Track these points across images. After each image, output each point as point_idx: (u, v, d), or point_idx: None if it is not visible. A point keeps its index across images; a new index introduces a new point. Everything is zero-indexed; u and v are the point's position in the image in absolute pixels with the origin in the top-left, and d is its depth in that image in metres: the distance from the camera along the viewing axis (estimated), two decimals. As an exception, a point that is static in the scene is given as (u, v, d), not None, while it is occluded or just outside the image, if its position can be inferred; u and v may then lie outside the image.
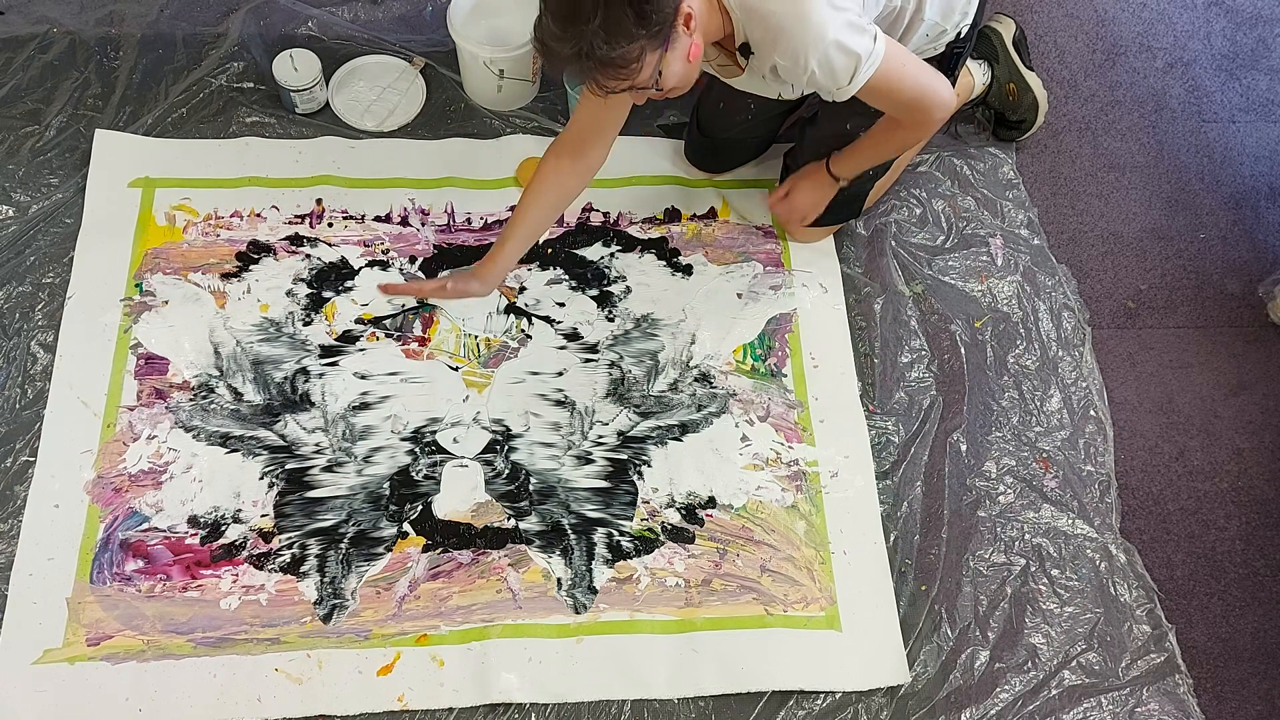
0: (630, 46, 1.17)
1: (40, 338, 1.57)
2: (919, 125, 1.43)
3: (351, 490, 1.50)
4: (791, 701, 1.42)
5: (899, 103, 1.38)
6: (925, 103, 1.38)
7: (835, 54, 1.27)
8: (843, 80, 1.31)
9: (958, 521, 1.56)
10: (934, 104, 1.38)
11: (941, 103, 1.39)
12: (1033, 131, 1.88)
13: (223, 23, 1.89)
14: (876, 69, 1.30)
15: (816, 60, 1.28)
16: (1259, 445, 1.70)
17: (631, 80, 1.21)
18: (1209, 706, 1.48)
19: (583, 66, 1.19)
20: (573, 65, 1.19)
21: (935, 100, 1.38)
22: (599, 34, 1.15)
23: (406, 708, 1.37)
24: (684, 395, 1.62)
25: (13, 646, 1.36)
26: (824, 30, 1.25)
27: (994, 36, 1.83)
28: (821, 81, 1.32)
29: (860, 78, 1.30)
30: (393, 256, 1.69)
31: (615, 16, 1.14)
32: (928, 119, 1.40)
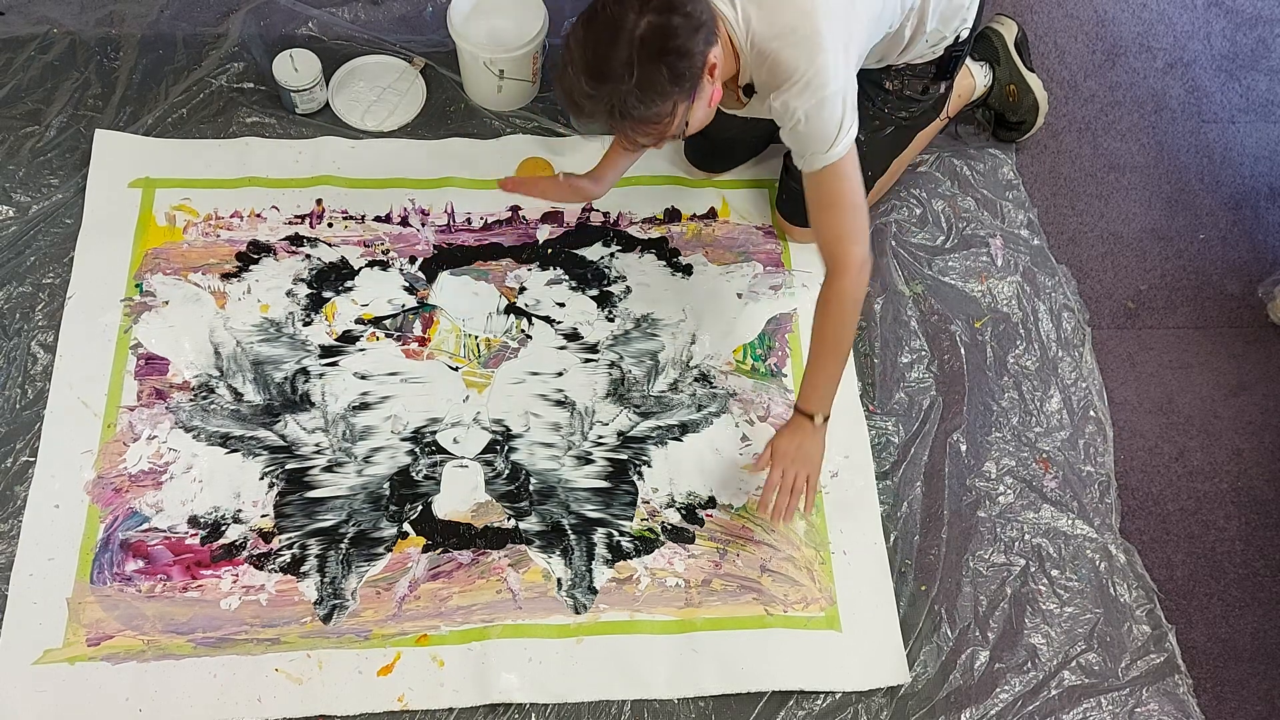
0: (664, 104, 1.18)
1: (40, 338, 1.57)
2: (840, 267, 1.35)
3: (351, 490, 1.50)
4: (791, 702, 1.42)
5: (845, 206, 1.33)
6: (859, 225, 1.34)
7: (830, 108, 1.26)
8: (827, 138, 1.28)
9: (958, 522, 1.56)
10: (862, 231, 1.34)
11: (865, 241, 1.35)
12: (1032, 133, 1.88)
13: (223, 23, 1.89)
14: (849, 151, 1.30)
15: (807, 110, 1.27)
16: (1259, 445, 1.70)
17: (663, 133, 1.22)
18: (1209, 706, 1.48)
19: (614, 123, 1.19)
20: (603, 121, 1.19)
21: (864, 229, 1.34)
22: (633, 93, 1.15)
23: (406, 708, 1.37)
24: (684, 395, 1.62)
25: (13, 646, 1.36)
26: (829, 80, 1.25)
27: (995, 38, 1.83)
28: (805, 133, 1.29)
29: (840, 146, 1.28)
30: (393, 256, 1.69)
31: (649, 75, 1.15)
32: (848, 255, 1.34)
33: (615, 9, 1.15)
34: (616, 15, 1.15)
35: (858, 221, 1.34)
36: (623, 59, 1.15)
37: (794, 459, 1.42)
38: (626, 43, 1.15)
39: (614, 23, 1.15)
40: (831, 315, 1.38)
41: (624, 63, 1.15)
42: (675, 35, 1.16)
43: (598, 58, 1.16)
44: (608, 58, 1.15)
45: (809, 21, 1.24)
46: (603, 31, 1.16)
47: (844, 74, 1.27)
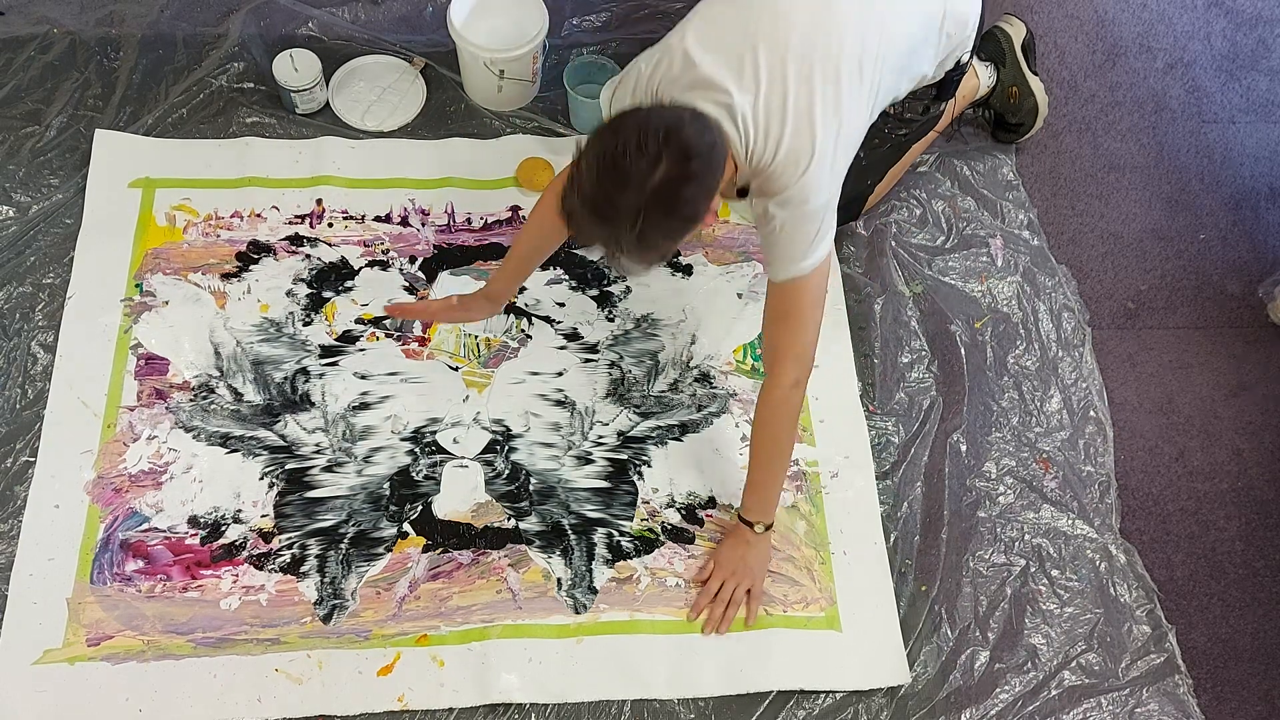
0: (661, 252, 1.19)
1: (40, 338, 1.57)
2: (774, 379, 1.35)
3: (351, 490, 1.50)
4: (791, 702, 1.42)
5: (796, 321, 1.32)
6: (804, 341, 1.33)
7: (810, 222, 1.25)
8: (801, 251, 1.26)
9: (958, 522, 1.56)
10: (805, 348, 1.34)
11: (809, 361, 1.34)
12: (1030, 135, 1.88)
13: (223, 23, 1.89)
14: (817, 266, 1.28)
15: (784, 220, 1.25)
16: (1259, 445, 1.70)
17: (653, 266, 1.22)
18: (1209, 706, 1.48)
19: (610, 255, 1.18)
20: (599, 249, 1.18)
21: (808, 346, 1.34)
22: (633, 241, 1.13)
23: (406, 708, 1.37)
24: (684, 395, 1.62)
25: (13, 646, 1.36)
26: (811, 196, 1.24)
27: (1003, 38, 1.81)
28: (780, 241, 1.27)
29: (810, 260, 1.27)
30: (393, 256, 1.69)
31: (653, 230, 1.13)
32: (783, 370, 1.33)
33: (633, 155, 1.09)
34: (633, 162, 1.09)
35: (804, 339, 1.33)
36: (630, 207, 1.10)
37: (735, 570, 1.43)
38: (637, 191, 1.10)
39: (628, 169, 1.10)
40: (765, 425, 1.37)
41: (631, 210, 1.11)
42: (687, 200, 1.13)
43: (605, 198, 1.12)
44: (615, 202, 1.11)
45: (807, 145, 1.22)
46: (615, 174, 1.10)
47: (828, 190, 1.25)
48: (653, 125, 1.11)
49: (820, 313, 1.34)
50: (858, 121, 1.30)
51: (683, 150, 1.11)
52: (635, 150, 1.09)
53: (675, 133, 1.11)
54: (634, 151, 1.09)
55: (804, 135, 1.22)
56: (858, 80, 1.27)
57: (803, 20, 1.24)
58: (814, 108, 1.23)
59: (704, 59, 1.23)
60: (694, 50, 1.24)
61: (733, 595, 1.43)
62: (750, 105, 1.22)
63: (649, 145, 1.10)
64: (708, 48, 1.24)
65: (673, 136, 1.11)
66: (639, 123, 1.12)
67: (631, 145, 1.10)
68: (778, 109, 1.22)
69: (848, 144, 1.29)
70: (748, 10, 1.25)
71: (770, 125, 1.22)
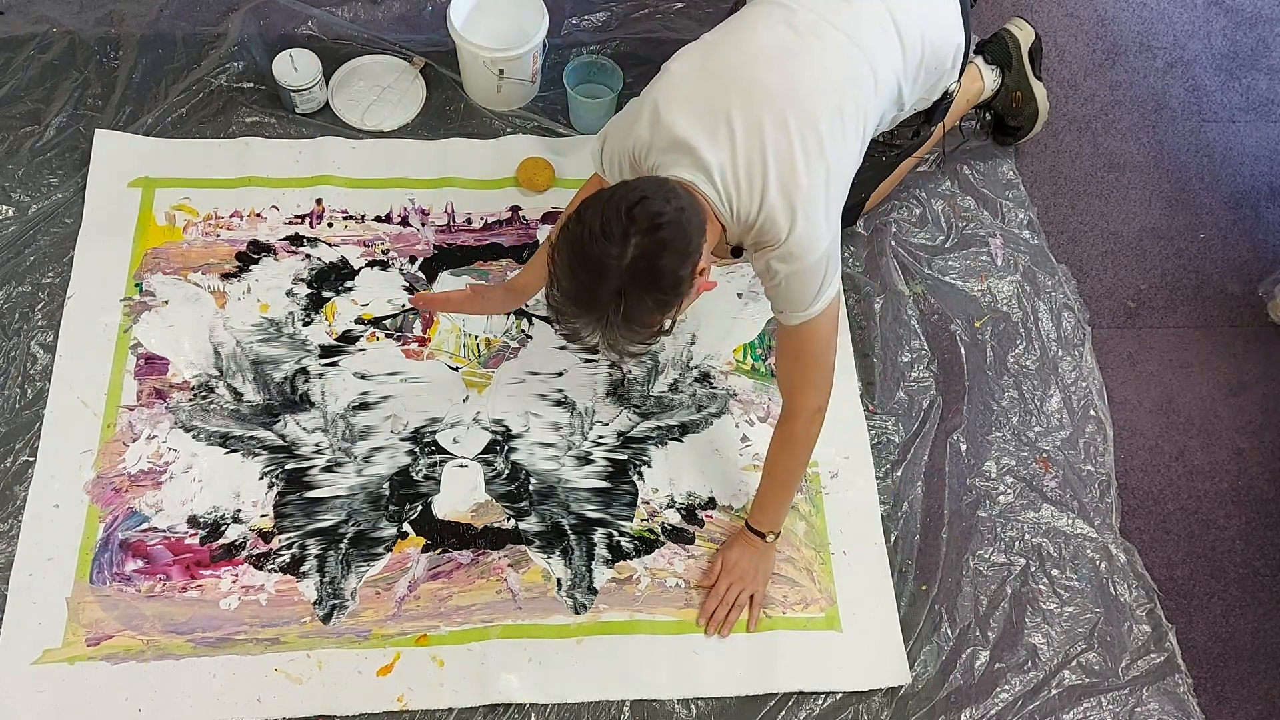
0: (653, 325, 1.15)
1: (40, 338, 1.57)
2: (793, 412, 1.35)
3: (351, 490, 1.50)
4: (791, 702, 1.42)
5: (810, 359, 1.32)
6: (821, 377, 1.33)
7: (813, 273, 1.23)
8: (807, 299, 1.25)
9: (958, 521, 1.56)
10: (823, 383, 1.34)
11: (828, 389, 1.35)
12: (1028, 138, 1.88)
13: (223, 23, 1.89)
14: (826, 308, 1.26)
15: (788, 274, 1.23)
16: (1259, 445, 1.70)
17: (653, 337, 1.18)
18: (1209, 706, 1.48)
19: (604, 344, 1.16)
20: (590, 338, 1.16)
21: (825, 381, 1.34)
22: (621, 322, 1.12)
23: (406, 708, 1.37)
24: (684, 395, 1.62)
25: (12, 646, 1.36)
26: (810, 249, 1.22)
27: (1011, 43, 1.79)
28: (785, 292, 1.26)
29: (818, 305, 1.25)
30: (393, 256, 1.69)
31: (637, 307, 1.11)
32: (803, 404, 1.34)
33: (601, 239, 1.08)
34: (602, 250, 1.08)
35: (820, 374, 1.33)
36: (611, 291, 1.09)
37: (742, 575, 1.44)
38: (615, 275, 1.09)
39: (599, 259, 1.09)
40: (783, 454, 1.39)
41: (611, 294, 1.09)
42: (665, 270, 1.11)
43: (584, 289, 1.11)
44: (594, 290, 1.10)
45: (790, 197, 1.20)
46: (587, 262, 1.09)
47: (827, 238, 1.23)
48: (615, 204, 1.10)
49: (835, 344, 1.33)
50: (848, 161, 1.28)
51: (649, 221, 1.09)
52: (602, 234, 1.08)
53: (639, 206, 1.10)
54: (600, 236, 1.08)
55: (790, 185, 1.20)
56: (839, 123, 1.24)
57: (774, 77, 1.22)
58: (795, 157, 1.20)
59: (679, 123, 1.21)
60: (667, 115, 1.21)
61: (737, 599, 1.44)
62: (729, 163, 1.19)
63: (614, 227, 1.08)
64: (682, 112, 1.21)
65: (636, 210, 1.09)
66: (601, 205, 1.11)
67: (597, 229, 1.09)
68: (758, 164, 1.19)
69: (839, 185, 1.27)
70: (718, 71, 1.24)
71: (751, 181, 1.20)
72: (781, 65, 1.23)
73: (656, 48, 1.92)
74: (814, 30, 1.26)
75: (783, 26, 1.26)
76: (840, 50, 1.26)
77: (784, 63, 1.23)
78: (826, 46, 1.26)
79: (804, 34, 1.25)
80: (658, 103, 1.23)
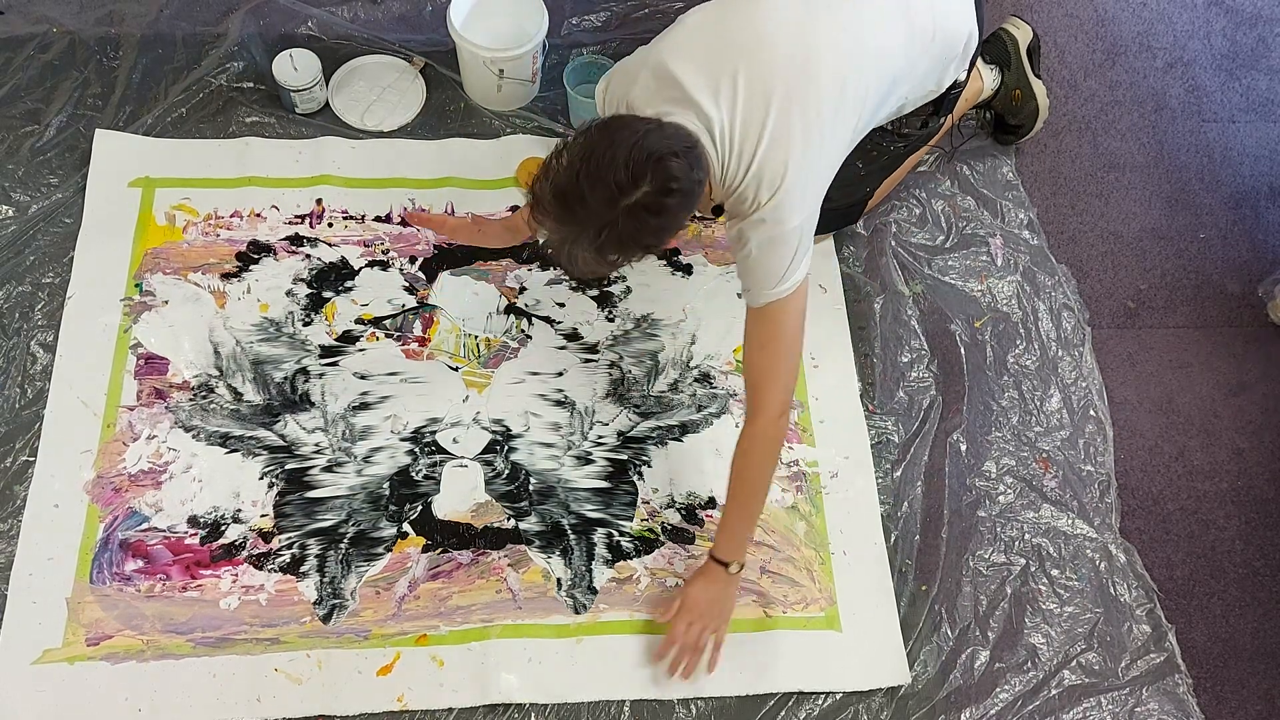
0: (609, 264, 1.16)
1: (40, 338, 1.57)
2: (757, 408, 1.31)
3: (351, 490, 1.50)
4: (792, 702, 1.42)
5: (778, 348, 1.29)
6: (787, 368, 1.30)
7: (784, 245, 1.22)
8: (775, 274, 1.24)
9: (958, 521, 1.56)
10: (788, 375, 1.30)
11: (793, 386, 1.32)
12: (1028, 137, 1.88)
13: (223, 22, 1.89)
14: (795, 289, 1.25)
15: (759, 242, 1.22)
16: (1259, 445, 1.70)
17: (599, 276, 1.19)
18: (1209, 706, 1.48)
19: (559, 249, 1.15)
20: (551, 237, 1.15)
21: (790, 374, 1.30)
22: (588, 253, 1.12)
23: (406, 708, 1.37)
24: (684, 395, 1.62)
25: (12, 646, 1.36)
26: (786, 218, 1.21)
27: (1009, 41, 1.79)
28: (754, 264, 1.25)
29: (787, 284, 1.24)
30: (393, 256, 1.69)
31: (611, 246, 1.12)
32: (768, 400, 1.30)
33: (616, 170, 1.08)
34: (614, 178, 1.08)
35: (786, 364, 1.30)
36: (598, 216, 1.09)
37: (704, 612, 1.37)
38: (609, 204, 1.09)
39: (608, 179, 1.08)
40: (748, 457, 1.33)
41: (597, 220, 1.09)
42: (653, 230, 1.12)
43: (577, 198, 1.10)
44: (587, 204, 1.09)
45: (780, 164, 1.20)
46: (595, 179, 1.09)
47: (803, 211, 1.23)
48: (646, 146, 1.10)
49: (802, 338, 1.31)
50: (837, 142, 1.28)
51: (665, 182, 1.09)
52: (622, 164, 1.08)
53: (664, 162, 1.09)
54: (620, 165, 1.08)
55: (778, 154, 1.20)
56: (838, 101, 1.24)
57: (783, 43, 1.22)
58: (790, 128, 1.20)
59: (685, 77, 1.21)
60: (675, 67, 1.21)
61: (697, 641, 1.38)
62: (728, 122, 1.20)
63: (634, 164, 1.08)
64: (688, 66, 1.21)
65: (661, 165, 1.09)
66: (634, 138, 1.10)
67: (620, 158, 1.08)
68: (755, 128, 1.20)
69: (826, 165, 1.26)
70: (729, 31, 1.24)
71: (745, 144, 1.20)
72: (791, 34, 1.23)
73: (656, 48, 1.92)
74: (826, 3, 1.26)
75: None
76: (850, 27, 1.26)
77: (794, 32, 1.23)
78: (836, 19, 1.25)
79: (815, 6, 1.25)
80: (664, 53, 1.23)
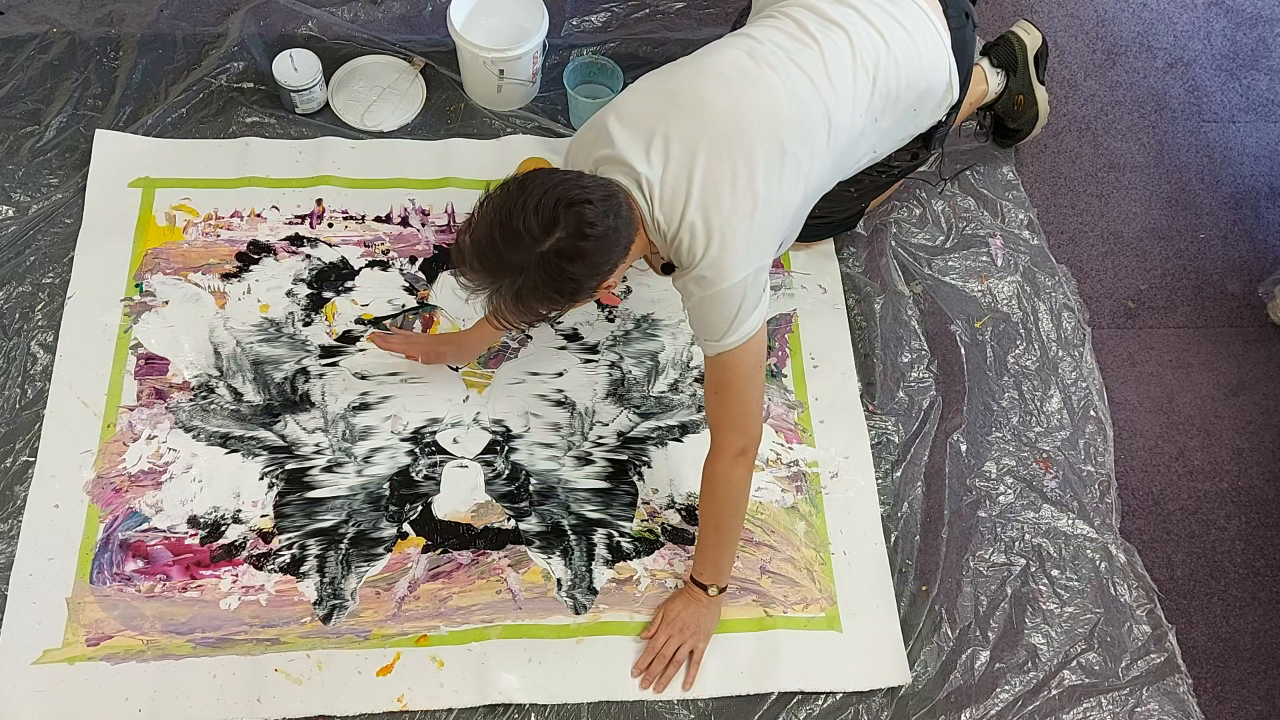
0: (535, 312, 1.16)
1: (40, 338, 1.57)
2: (717, 450, 1.32)
3: (351, 490, 1.50)
4: (792, 702, 1.42)
5: (731, 394, 1.28)
6: (745, 412, 1.29)
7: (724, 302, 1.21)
8: (717, 330, 1.23)
9: (958, 522, 1.56)
10: (746, 419, 1.30)
11: (753, 432, 1.31)
12: (1026, 141, 1.87)
13: (223, 23, 1.89)
14: (742, 343, 1.24)
15: (699, 298, 1.22)
16: (1259, 445, 1.70)
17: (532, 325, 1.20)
18: (1209, 706, 1.48)
19: (488, 301, 1.15)
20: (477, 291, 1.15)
21: (749, 417, 1.30)
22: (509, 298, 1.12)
23: (406, 708, 1.37)
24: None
25: (13, 646, 1.36)
26: (724, 276, 1.20)
27: (1018, 45, 1.77)
28: (697, 319, 1.25)
29: (730, 339, 1.23)
30: (393, 257, 1.69)
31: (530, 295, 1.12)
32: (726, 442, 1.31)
33: (528, 220, 1.09)
34: (526, 228, 1.09)
35: (740, 411, 1.29)
36: (514, 264, 1.10)
37: (683, 628, 1.40)
38: (524, 255, 1.09)
39: (518, 234, 1.09)
40: (712, 496, 1.35)
41: (513, 269, 1.10)
42: (570, 276, 1.12)
43: (492, 249, 1.10)
44: (500, 255, 1.10)
45: (708, 219, 1.19)
46: (507, 229, 1.10)
47: (745, 269, 1.21)
48: (556, 192, 1.10)
49: (760, 384, 1.30)
50: (780, 198, 1.24)
51: (579, 227, 1.10)
52: (532, 211, 1.08)
53: (575, 207, 1.10)
54: (532, 212, 1.09)
55: (710, 208, 1.19)
56: (777, 158, 1.22)
57: (719, 105, 1.21)
58: (719, 186, 1.19)
59: (619, 134, 1.21)
60: (611, 125, 1.22)
61: (675, 654, 1.40)
62: (657, 177, 1.19)
63: (544, 211, 1.09)
64: (625, 124, 1.22)
65: (573, 210, 1.09)
66: (544, 185, 1.11)
67: (531, 206, 1.09)
68: (684, 181, 1.19)
69: (768, 220, 1.24)
70: (671, 92, 1.24)
71: (675, 198, 1.19)
72: (730, 90, 1.22)
73: (656, 48, 1.92)
74: (772, 64, 1.25)
75: (743, 55, 1.25)
76: (796, 88, 1.25)
77: (733, 89, 1.22)
78: (782, 81, 1.24)
79: (761, 65, 1.25)
80: (609, 111, 1.25)
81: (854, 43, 1.29)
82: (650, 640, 1.42)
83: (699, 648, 1.41)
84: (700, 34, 1.94)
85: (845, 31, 1.29)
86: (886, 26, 1.32)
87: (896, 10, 1.33)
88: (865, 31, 1.30)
